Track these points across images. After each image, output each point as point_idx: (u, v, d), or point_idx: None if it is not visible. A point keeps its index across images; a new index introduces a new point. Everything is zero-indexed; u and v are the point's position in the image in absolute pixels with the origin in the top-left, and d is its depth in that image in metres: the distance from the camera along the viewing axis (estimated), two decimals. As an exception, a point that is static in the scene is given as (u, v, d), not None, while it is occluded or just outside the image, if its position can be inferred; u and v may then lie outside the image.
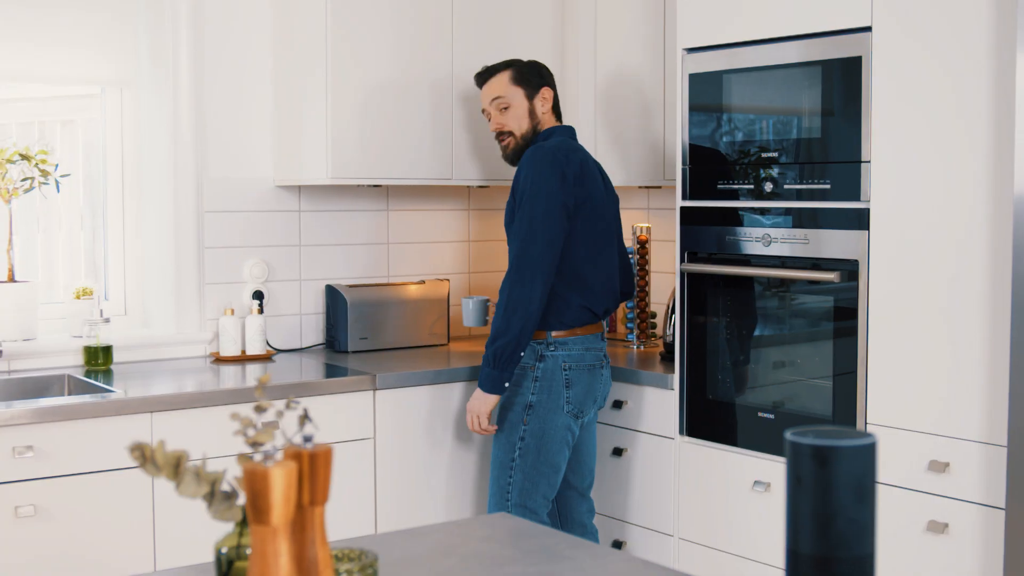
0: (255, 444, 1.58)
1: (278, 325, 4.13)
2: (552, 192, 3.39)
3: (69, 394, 3.56)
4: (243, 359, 3.92)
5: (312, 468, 1.44)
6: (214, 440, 3.29)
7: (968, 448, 2.90)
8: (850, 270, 3.14)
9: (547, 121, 3.68)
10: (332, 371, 3.74)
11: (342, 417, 3.57)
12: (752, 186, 3.37)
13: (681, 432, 3.63)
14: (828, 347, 3.22)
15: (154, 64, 3.95)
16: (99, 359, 3.69)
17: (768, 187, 3.33)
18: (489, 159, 4.14)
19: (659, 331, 4.30)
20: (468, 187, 4.51)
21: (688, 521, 3.63)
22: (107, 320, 3.72)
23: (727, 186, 3.45)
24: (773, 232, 3.33)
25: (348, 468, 3.57)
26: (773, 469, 3.34)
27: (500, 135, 3.68)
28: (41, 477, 3.09)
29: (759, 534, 3.39)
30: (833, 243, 3.18)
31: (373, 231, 4.33)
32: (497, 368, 3.41)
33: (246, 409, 3.39)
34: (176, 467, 1.55)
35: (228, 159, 4.02)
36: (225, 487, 1.65)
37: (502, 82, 3.67)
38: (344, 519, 3.56)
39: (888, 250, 3.05)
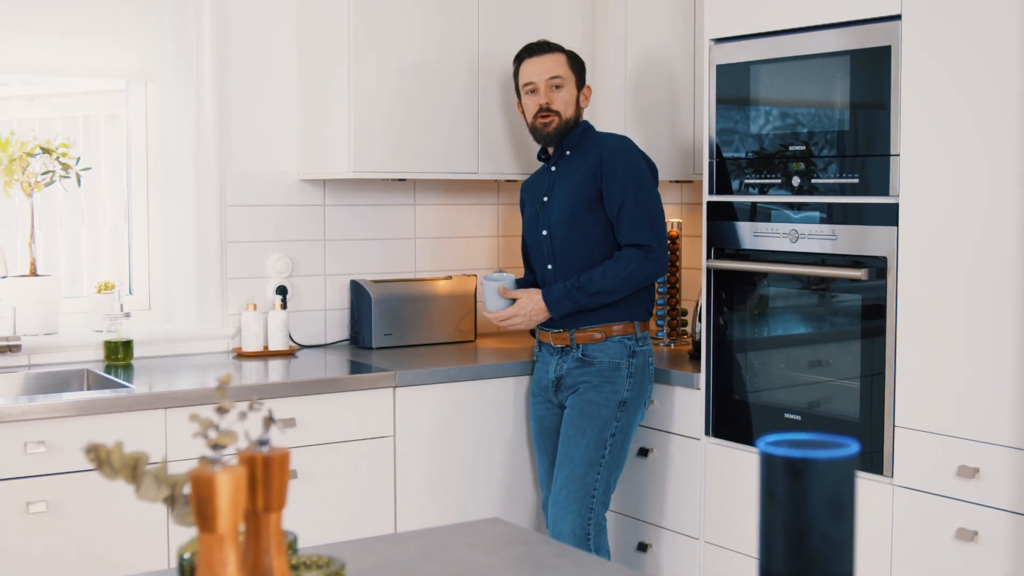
0: (217, 447, 1.52)
1: (302, 321, 4.08)
2: (653, 183, 3.52)
3: (88, 389, 3.54)
4: (265, 355, 3.88)
5: (266, 473, 1.38)
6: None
7: (999, 453, 2.78)
8: (879, 267, 3.02)
9: (580, 116, 3.62)
10: (355, 368, 3.69)
11: (362, 415, 3.51)
12: (780, 180, 3.27)
13: (707, 433, 3.53)
14: (856, 347, 3.11)
15: (178, 57, 3.92)
16: (119, 354, 3.67)
17: (796, 181, 3.22)
18: (517, 153, 4.07)
19: (689, 329, 4.21)
20: (497, 181, 4.44)
21: (713, 524, 3.53)
22: (127, 315, 3.70)
23: (755, 180, 3.35)
24: (801, 228, 3.22)
25: (368, 466, 3.52)
26: (800, 472, 3.23)
27: (546, 112, 3.58)
28: (53, 473, 3.06)
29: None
30: (862, 239, 3.07)
31: (399, 225, 4.27)
32: (572, 307, 3.45)
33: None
34: (134, 470, 1.49)
35: (252, 152, 3.99)
36: (187, 491, 1.59)
37: (560, 62, 3.62)
38: (364, 517, 3.51)
39: (918, 247, 2.93)
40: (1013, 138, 2.72)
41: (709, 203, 3.49)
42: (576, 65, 3.65)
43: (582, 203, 3.49)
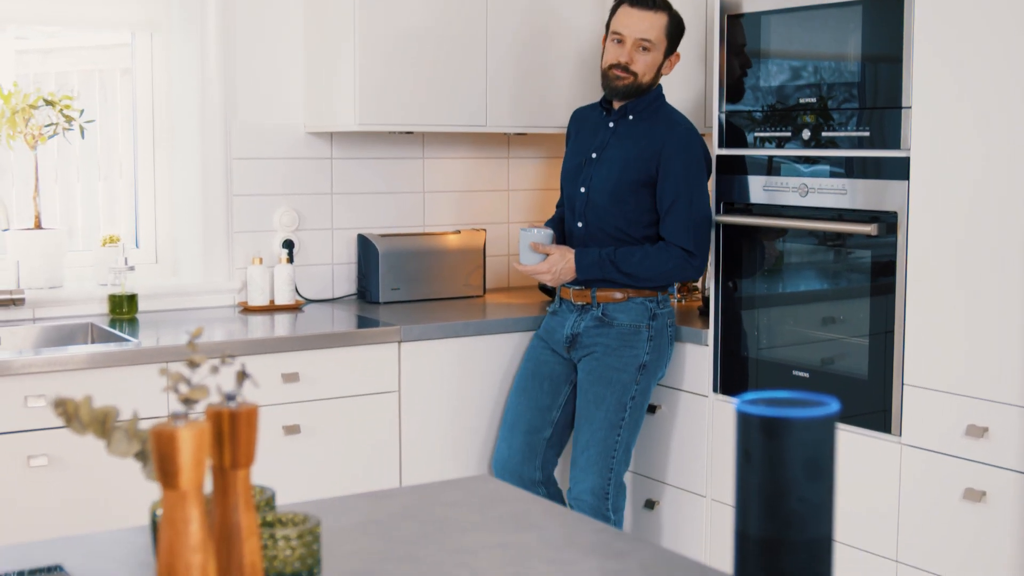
0: (188, 401, 1.49)
1: (309, 275, 4.05)
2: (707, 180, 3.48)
3: (92, 343, 3.52)
4: (271, 309, 3.85)
5: (233, 429, 1.35)
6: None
7: (1009, 413, 2.73)
8: (889, 223, 2.96)
9: (657, 83, 3.52)
10: (361, 322, 3.65)
11: (367, 370, 3.48)
12: (790, 134, 3.20)
13: (715, 390, 3.49)
14: (865, 304, 3.05)
15: (184, 7, 3.87)
16: (124, 308, 3.65)
17: (807, 135, 3.15)
18: (526, 106, 4.00)
19: (700, 285, 4.15)
20: (507, 135, 4.38)
21: (720, 482, 3.49)
22: (132, 268, 3.67)
23: (765, 134, 3.28)
24: (811, 182, 3.16)
25: (373, 422, 3.50)
26: (807, 431, 3.19)
27: (622, 68, 3.47)
28: (55, 427, 3.05)
29: (792, 498, 3.25)
30: (872, 194, 3.01)
31: (407, 179, 4.22)
32: (599, 276, 3.43)
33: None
34: (103, 425, 1.46)
35: (258, 105, 3.94)
36: (160, 446, 1.56)
37: (659, 25, 3.45)
38: (369, 473, 3.49)
39: (929, 202, 2.87)
40: (1028, 90, 2.64)
41: (719, 157, 3.43)
42: (674, 30, 3.48)
43: (632, 182, 3.43)
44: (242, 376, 1.49)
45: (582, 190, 3.53)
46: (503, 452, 3.59)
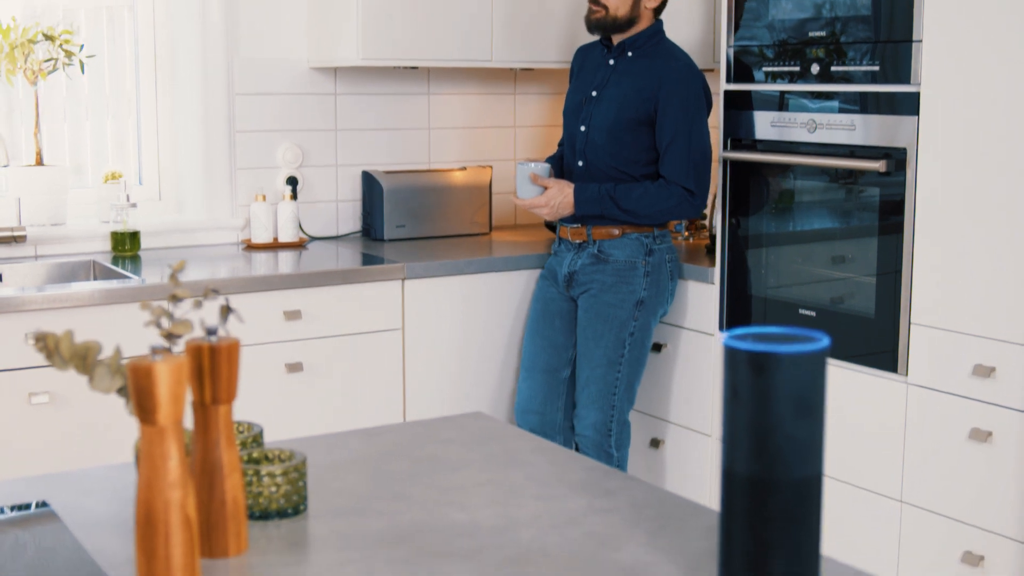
0: (171, 336, 1.46)
1: (313, 212, 4.01)
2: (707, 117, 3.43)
3: (94, 280, 3.51)
4: (275, 246, 3.82)
5: (213, 364, 1.32)
6: (234, 330, 3.22)
7: (1016, 352, 2.69)
8: (898, 159, 2.91)
9: (647, 18, 3.44)
10: (365, 260, 3.62)
11: (370, 307, 3.46)
12: (798, 68, 3.14)
13: (721, 328, 3.46)
14: (873, 242, 3.00)
15: (184, -61, 3.81)
16: (126, 245, 3.62)
17: (815, 69, 3.09)
18: (532, 41, 3.94)
19: (708, 222, 4.10)
20: (513, 70, 4.32)
21: (726, 421, 3.47)
22: (134, 205, 3.64)
23: (772, 68, 3.22)
24: (819, 118, 3.10)
25: (376, 359, 3.48)
26: (813, 370, 3.15)
27: (594, 0, 3.42)
28: (55, 363, 3.03)
29: (797, 437, 3.22)
30: (881, 130, 2.95)
31: (413, 115, 4.17)
32: (598, 212, 3.39)
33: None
34: (85, 360, 1.44)
35: (260, 40, 3.88)
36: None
37: None
38: (372, 411, 3.48)
39: (938, 138, 2.81)
40: (1042, 22, 2.57)
41: (726, 92, 3.37)
42: None
43: (630, 120, 3.38)
44: (226, 311, 1.46)
45: (582, 129, 3.48)
46: (524, 394, 3.57)
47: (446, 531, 1.43)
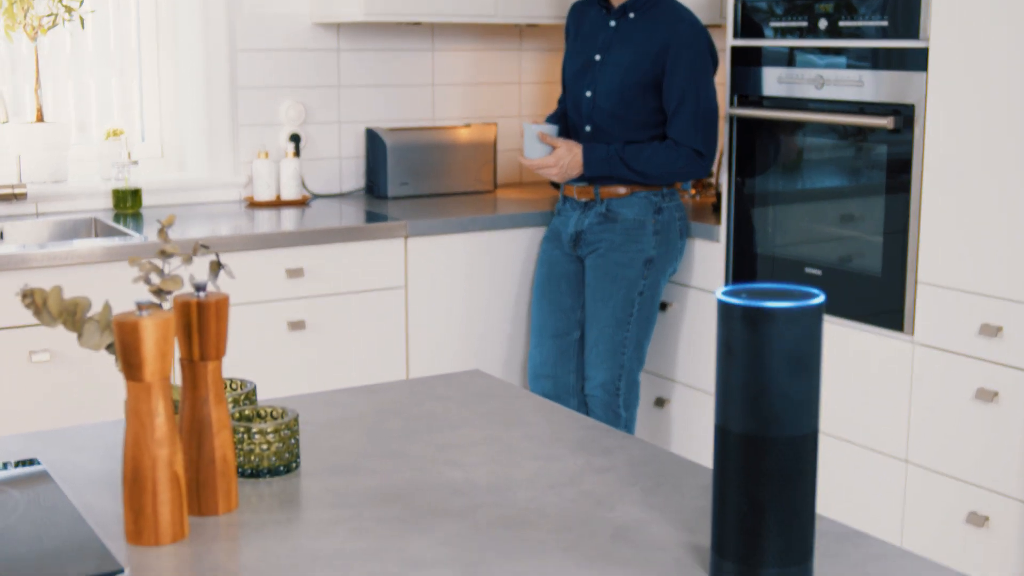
0: (160, 292, 1.44)
1: (316, 170, 3.99)
2: (712, 78, 3.38)
3: (96, 237, 3.49)
4: (278, 204, 3.80)
5: (202, 320, 1.30)
6: (235, 288, 3.20)
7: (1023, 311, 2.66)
8: (906, 116, 2.86)
9: None
10: (369, 217, 3.60)
11: (373, 265, 3.44)
12: (806, 24, 3.09)
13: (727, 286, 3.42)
14: (880, 200, 2.97)
15: None
16: (128, 202, 3.60)
17: (823, 24, 3.04)
18: (537, -5, 3.89)
19: (715, 180, 4.07)
20: (519, 26, 4.27)
21: (731, 381, 3.45)
22: (135, 162, 3.62)
23: (780, 24, 3.17)
24: (826, 74, 3.06)
25: (379, 317, 3.46)
26: (818, 329, 3.13)
27: None
28: (56, 321, 3.02)
29: (802, 396, 3.20)
30: (889, 86, 2.91)
31: (417, 72, 4.13)
32: (607, 173, 3.35)
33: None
34: (73, 316, 1.42)
35: (262, -6, 3.84)
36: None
37: None
38: (375, 370, 3.47)
39: (948, 94, 2.77)
40: (1054, -26, 2.53)
41: (733, 48, 3.32)
42: None
43: (637, 84, 3.34)
44: (216, 266, 1.44)
45: (588, 94, 3.43)
46: (536, 358, 3.56)
47: (440, 489, 1.41)
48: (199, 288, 1.32)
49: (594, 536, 1.27)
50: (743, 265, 3.37)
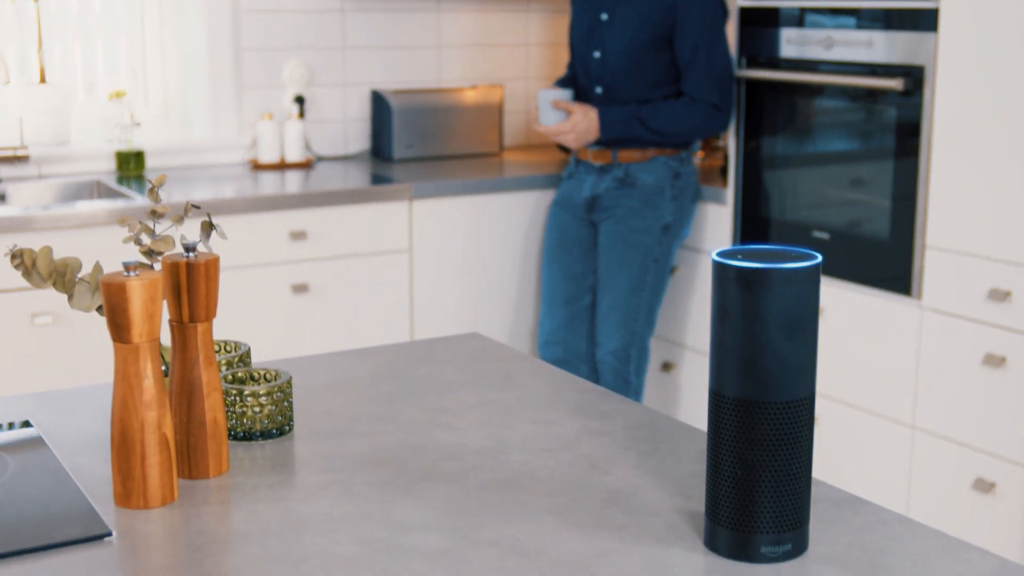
0: (151, 253, 1.42)
1: (321, 132, 3.96)
2: (725, 30, 3.35)
3: (98, 199, 3.47)
4: (282, 166, 3.77)
5: (191, 281, 1.28)
6: (238, 251, 3.18)
7: (1033, 276, 2.63)
8: (916, 78, 2.82)
9: None
10: (374, 180, 3.57)
11: (377, 228, 3.42)
12: (816, -18, 3.05)
13: (733, 251, 3.40)
14: (889, 164, 2.93)
15: None
16: (131, 164, 3.58)
17: (833, -17, 3.00)
18: (544, -45, 3.84)
19: (723, 143, 4.03)
20: (526, -13, 4.22)
21: (737, 345, 3.43)
22: (138, 124, 3.59)
23: (789, -17, 3.12)
24: (835, 35, 3.01)
25: (383, 281, 3.44)
26: (827, 292, 3.11)
27: None
28: (59, 283, 3.01)
29: (808, 361, 3.18)
30: (898, 47, 2.86)
31: (422, 33, 4.09)
32: (625, 135, 3.32)
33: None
34: (63, 278, 1.40)
35: (266, -46, 3.80)
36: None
37: None
38: (379, 333, 3.46)
39: (958, 56, 2.73)
40: (1068, -68, 2.48)
41: (741, 8, 3.28)
42: None
43: (648, 41, 3.29)
44: (208, 227, 1.43)
45: (596, 54, 3.39)
46: (546, 324, 3.54)
47: (432, 453, 1.39)
48: (189, 249, 1.30)
49: (587, 501, 1.26)
50: (751, 229, 3.34)
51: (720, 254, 1.10)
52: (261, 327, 3.28)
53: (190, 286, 1.28)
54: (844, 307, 3.06)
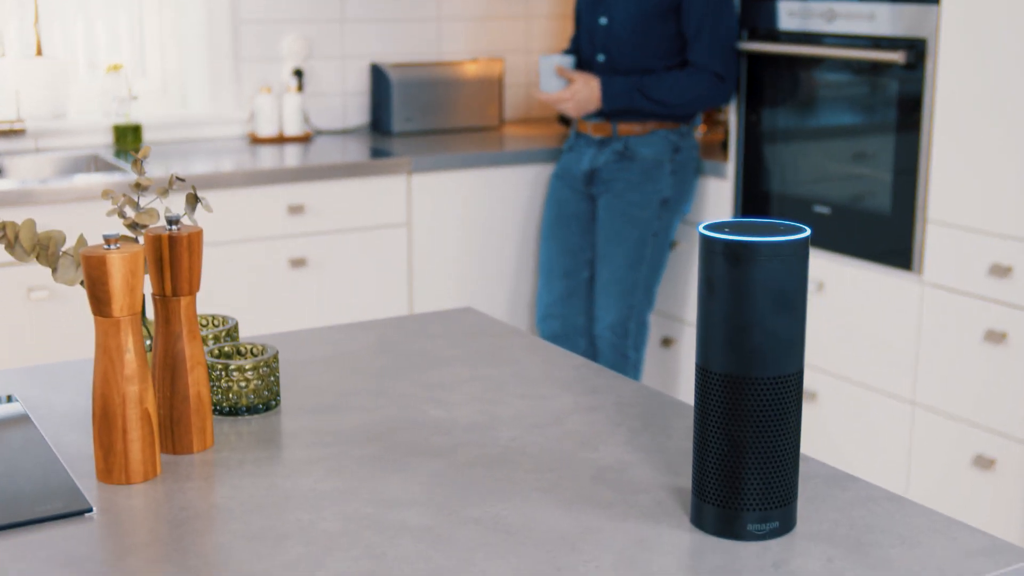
0: (135, 226, 1.41)
1: (320, 106, 3.93)
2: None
3: (96, 173, 3.45)
4: (280, 140, 3.75)
5: (174, 254, 1.27)
6: (236, 225, 3.17)
7: (1034, 251, 2.61)
8: (918, 51, 2.79)
9: None
10: (373, 153, 3.55)
11: (375, 202, 3.40)
12: (818, -46, 3.01)
13: (733, 226, 3.37)
14: (891, 138, 2.90)
15: None
16: (128, 138, 3.56)
17: (835, -45, 2.96)
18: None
19: (725, 117, 4.00)
20: (527, -41, 4.18)
21: (737, 320, 3.41)
22: (135, 97, 3.57)
23: (791, -46, 3.09)
24: (837, 7, 2.98)
25: (382, 254, 3.43)
26: (827, 267, 3.08)
27: None
28: (55, 257, 3.00)
29: (808, 335, 3.16)
30: (901, 19, 2.83)
31: (422, 5, 4.05)
32: (627, 106, 3.29)
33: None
34: (47, 251, 1.38)
35: (264, -74, 3.77)
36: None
37: None
38: (378, 307, 3.44)
39: (960, 28, 2.69)
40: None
41: (743, -20, 3.25)
42: None
43: (656, 10, 3.26)
44: (193, 199, 1.41)
45: (602, 21, 3.36)
46: (544, 298, 3.52)
47: (422, 428, 1.38)
48: (172, 222, 1.28)
49: (575, 477, 1.24)
50: (751, 203, 3.32)
51: (707, 227, 1.08)
52: (259, 301, 3.26)
53: (173, 259, 1.27)
54: (844, 282, 3.04)
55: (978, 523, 2.77)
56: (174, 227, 1.28)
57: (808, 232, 1.06)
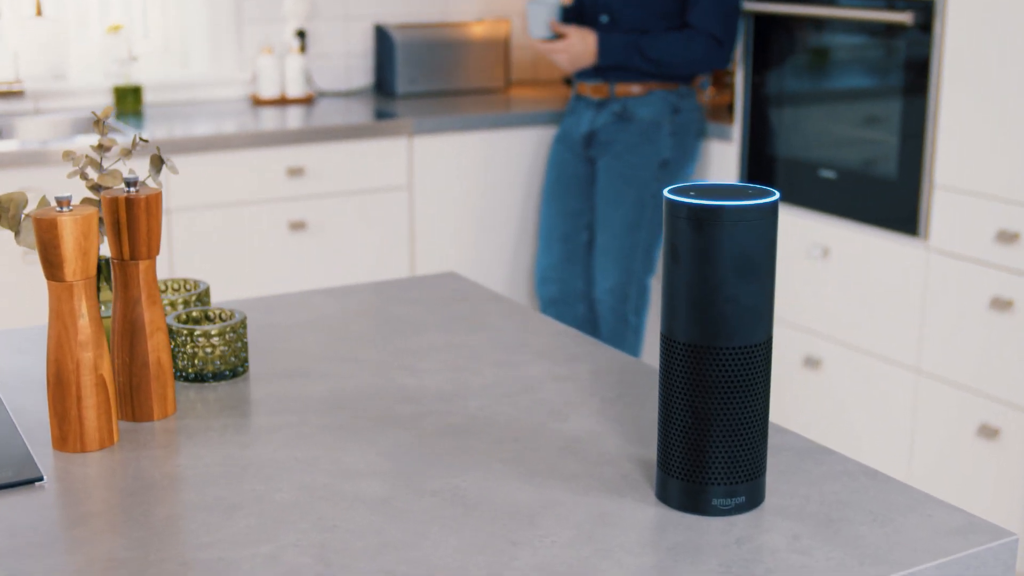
0: (97, 188, 1.37)
1: (323, 67, 3.88)
2: None
3: (96, 134, 3.42)
4: (283, 102, 3.71)
5: (131, 217, 1.23)
6: (236, 187, 3.13)
7: (1042, 217, 2.55)
8: (926, 11, 2.72)
9: None
10: (376, 115, 3.50)
11: (376, 164, 3.36)
12: (826, -89, 2.94)
13: (739, 191, 3.32)
14: (897, 102, 2.84)
15: None
16: (129, 100, 3.52)
17: (843, -88, 2.89)
18: None
19: (733, 79, 3.93)
20: (534, -82, 4.11)
21: (742, 286, 3.36)
22: (135, 59, 3.53)
23: (799, -88, 3.02)
24: (845, -35, 2.91)
25: (383, 218, 3.39)
26: (832, 233, 3.03)
27: None
28: (51, 219, 2.97)
29: (811, 302, 3.12)
30: (910, -22, 2.76)
31: (427, -34, 4.00)
32: (622, 63, 3.25)
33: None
34: (8, 213, 1.35)
35: None
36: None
37: None
38: (379, 272, 3.41)
39: (971, -14, 2.63)
40: None
41: (750, -62, 3.18)
42: None
43: None
44: (158, 160, 1.37)
45: None
46: (543, 261, 3.48)
47: (390, 397, 1.35)
48: (130, 184, 1.25)
49: (541, 448, 1.21)
50: (757, 167, 3.26)
51: (672, 191, 1.04)
52: (258, 265, 3.23)
53: (130, 222, 1.23)
54: (850, 247, 2.99)
55: (982, 492, 2.73)
56: (132, 189, 1.25)
57: (776, 196, 1.01)
